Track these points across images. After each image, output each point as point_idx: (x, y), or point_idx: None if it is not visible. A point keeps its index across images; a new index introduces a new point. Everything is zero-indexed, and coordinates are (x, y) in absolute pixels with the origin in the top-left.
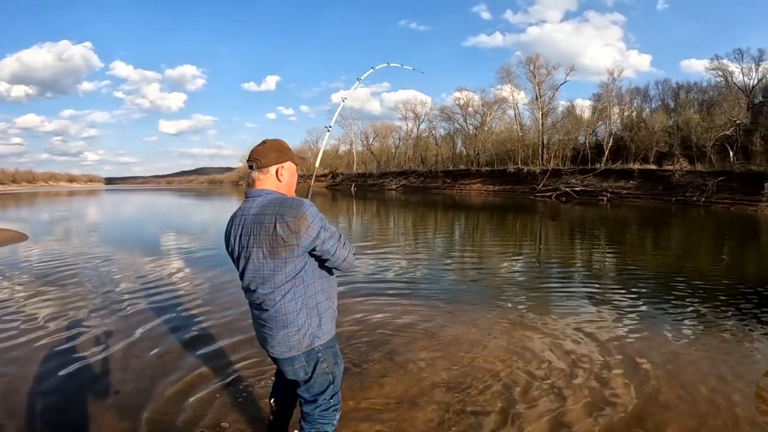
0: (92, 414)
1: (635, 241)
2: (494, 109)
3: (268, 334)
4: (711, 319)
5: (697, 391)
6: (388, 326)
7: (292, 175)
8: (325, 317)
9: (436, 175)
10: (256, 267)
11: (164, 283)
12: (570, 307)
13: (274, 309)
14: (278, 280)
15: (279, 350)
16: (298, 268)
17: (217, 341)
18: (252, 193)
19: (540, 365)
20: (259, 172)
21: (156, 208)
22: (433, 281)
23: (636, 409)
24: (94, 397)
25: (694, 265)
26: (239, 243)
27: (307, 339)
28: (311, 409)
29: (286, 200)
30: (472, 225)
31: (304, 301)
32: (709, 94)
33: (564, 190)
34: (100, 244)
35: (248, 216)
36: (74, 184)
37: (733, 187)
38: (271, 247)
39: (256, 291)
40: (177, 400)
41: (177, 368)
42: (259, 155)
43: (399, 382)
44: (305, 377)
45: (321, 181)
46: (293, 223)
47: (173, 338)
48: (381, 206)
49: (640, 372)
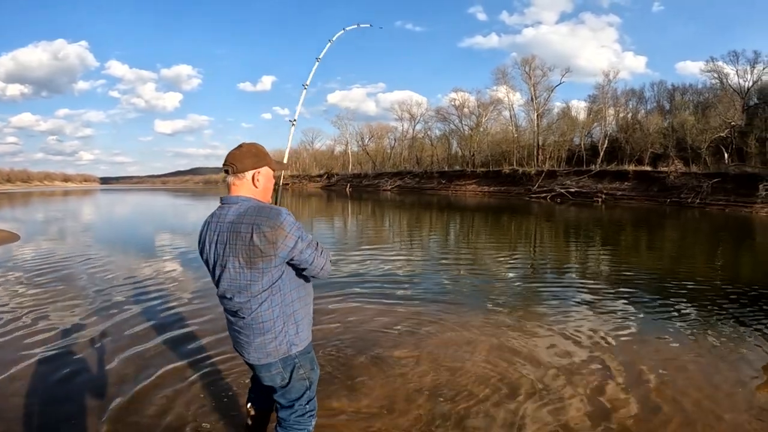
0: (73, 415)
1: (629, 243)
2: (490, 110)
3: (245, 341)
4: (705, 322)
5: (690, 398)
6: (375, 328)
7: (269, 181)
8: (302, 324)
9: (432, 175)
10: (232, 276)
11: (155, 283)
12: (563, 310)
13: (251, 317)
14: (255, 289)
15: (255, 357)
16: (275, 277)
17: (202, 341)
18: (228, 199)
19: (529, 369)
20: (235, 178)
21: (151, 208)
22: (424, 283)
23: (628, 416)
24: (75, 397)
25: (688, 267)
26: (215, 251)
27: (284, 346)
28: (287, 414)
29: (263, 209)
30: (466, 226)
31: (281, 309)
32: (704, 96)
33: (559, 192)
34: (92, 245)
35: (224, 224)
36: (69, 184)
37: (728, 189)
38: (248, 257)
39: (232, 299)
40: (158, 401)
41: (160, 369)
42: (235, 160)
43: (382, 386)
44: (282, 383)
45: (316, 181)
46: (270, 233)
47: (159, 338)
48: (376, 207)
49: (632, 377)
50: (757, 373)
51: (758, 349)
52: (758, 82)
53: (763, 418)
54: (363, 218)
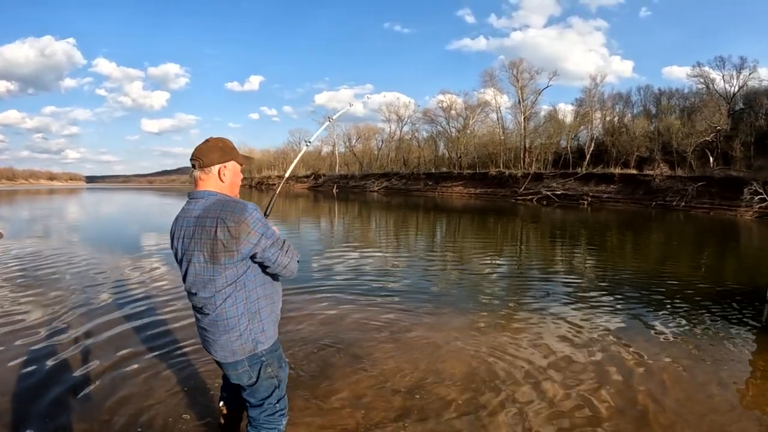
0: (51, 414)
1: (614, 245)
2: (477, 113)
3: (211, 338)
4: (689, 322)
5: (672, 397)
6: (354, 328)
7: (236, 176)
8: (267, 322)
9: (419, 177)
10: (197, 271)
11: (137, 281)
12: (546, 311)
13: (215, 313)
14: (219, 284)
15: (222, 355)
16: (240, 272)
17: (180, 340)
18: (195, 194)
19: (510, 370)
20: (201, 172)
21: (137, 208)
22: (407, 283)
23: (610, 416)
24: (50, 395)
25: (672, 269)
26: (182, 246)
27: (250, 344)
28: (257, 413)
29: (228, 203)
30: (452, 227)
31: (245, 306)
32: (690, 101)
33: (545, 194)
34: (77, 243)
35: (190, 218)
36: (55, 182)
37: (713, 192)
38: (211, 251)
39: (197, 294)
40: (134, 399)
41: (137, 366)
42: (201, 154)
43: (359, 386)
44: (249, 382)
45: (303, 182)
46: (234, 228)
47: (137, 336)
48: (362, 208)
49: (614, 378)
50: (740, 373)
51: (741, 350)
52: (744, 87)
53: (746, 418)
54: (349, 219)
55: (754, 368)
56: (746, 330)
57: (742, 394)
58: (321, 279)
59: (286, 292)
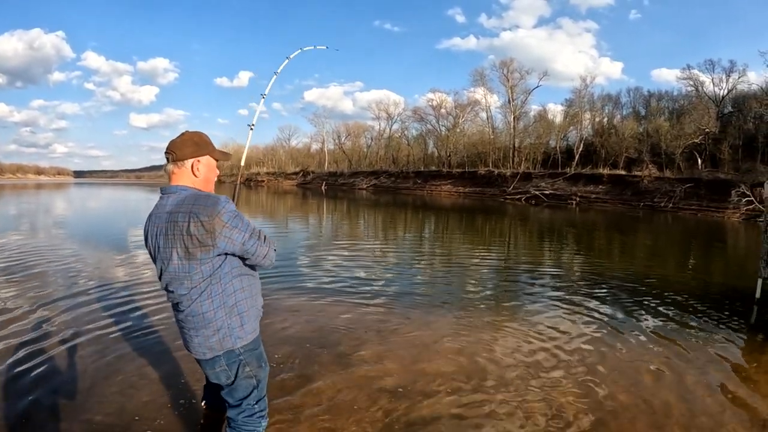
0: (27, 412)
1: (602, 245)
2: (467, 111)
3: (188, 334)
4: (676, 322)
5: (657, 400)
6: (340, 326)
7: (210, 171)
8: (246, 316)
9: (407, 175)
10: (172, 267)
11: (121, 278)
12: (533, 310)
13: (191, 308)
14: (195, 279)
15: (200, 351)
16: (216, 266)
17: (163, 336)
18: (167, 189)
19: (497, 370)
20: (174, 166)
21: (125, 204)
22: (394, 281)
23: (594, 418)
24: (30, 394)
25: (659, 270)
26: (155, 243)
27: (229, 340)
28: (235, 414)
29: (200, 197)
30: (441, 226)
31: (221, 299)
32: (679, 103)
33: (534, 194)
34: (63, 238)
35: (162, 215)
36: (42, 177)
37: (701, 194)
38: (185, 247)
39: (174, 292)
40: (115, 398)
41: (119, 364)
42: (175, 147)
43: (344, 386)
44: (227, 381)
45: (292, 179)
46: (208, 222)
47: (120, 333)
48: (351, 205)
49: (602, 378)
50: (730, 374)
51: (730, 351)
52: (733, 90)
53: (736, 420)
54: (337, 217)
55: (744, 369)
56: (734, 331)
57: (732, 396)
58: (307, 277)
59: (270, 290)
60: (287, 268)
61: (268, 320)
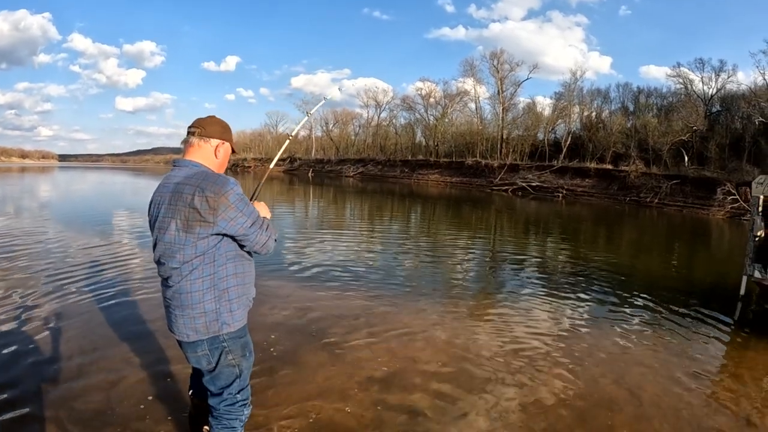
0: (16, 400)
1: (588, 238)
2: (456, 102)
3: (174, 314)
4: (662, 316)
5: (643, 392)
6: (329, 314)
7: (226, 158)
8: (236, 303)
9: (395, 164)
10: (168, 239)
11: (108, 263)
12: (520, 301)
13: (180, 285)
14: (188, 254)
15: (184, 333)
16: (211, 245)
17: (151, 324)
18: (179, 162)
19: (485, 359)
20: (199, 140)
21: (111, 187)
22: (382, 270)
23: (580, 410)
24: (18, 381)
25: (644, 264)
26: (156, 212)
27: (215, 324)
28: (216, 402)
29: (210, 175)
30: (427, 215)
31: (212, 281)
32: (668, 100)
33: (520, 185)
34: (48, 222)
35: (169, 185)
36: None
37: (687, 191)
38: (186, 219)
39: (165, 264)
40: (103, 386)
41: (107, 352)
42: (205, 123)
43: (334, 375)
44: (209, 367)
45: (279, 165)
46: (213, 199)
47: (108, 320)
48: (338, 193)
49: (585, 371)
50: (714, 369)
51: (715, 346)
52: (722, 90)
53: (720, 413)
54: (324, 204)
55: (728, 364)
56: (719, 326)
57: (716, 389)
58: (295, 264)
59: (259, 277)
60: (274, 254)
61: (256, 307)
